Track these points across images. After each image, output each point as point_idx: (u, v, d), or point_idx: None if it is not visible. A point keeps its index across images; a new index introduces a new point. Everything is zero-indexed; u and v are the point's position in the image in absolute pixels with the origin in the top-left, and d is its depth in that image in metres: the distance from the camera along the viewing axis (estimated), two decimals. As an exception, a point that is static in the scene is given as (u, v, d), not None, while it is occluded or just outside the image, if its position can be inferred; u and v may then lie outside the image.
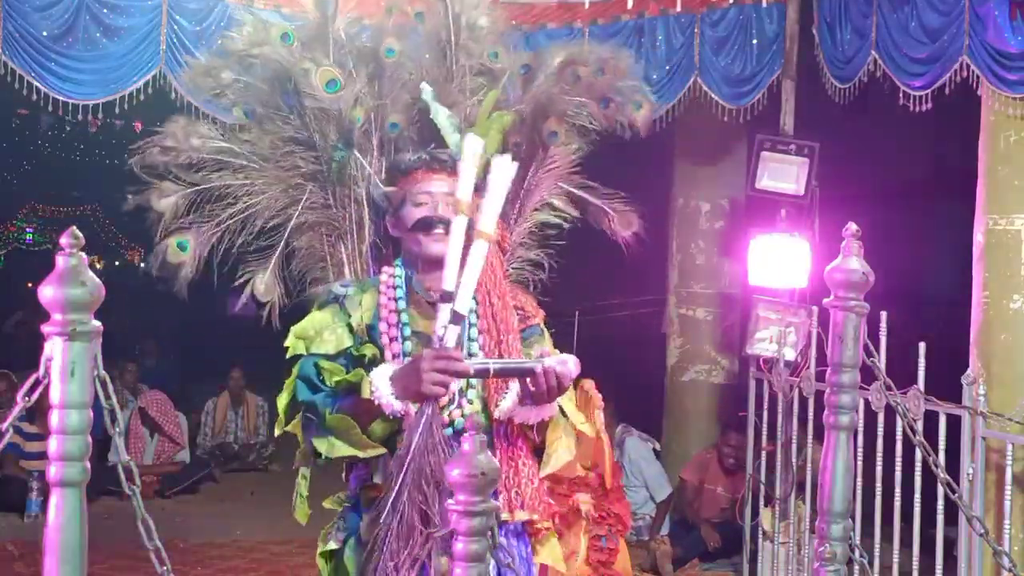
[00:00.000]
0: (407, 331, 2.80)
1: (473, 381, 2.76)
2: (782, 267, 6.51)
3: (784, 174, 6.51)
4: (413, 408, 2.61)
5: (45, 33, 5.83)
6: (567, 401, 2.88)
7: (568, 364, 2.66)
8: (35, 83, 5.83)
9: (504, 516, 2.73)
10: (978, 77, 5.30)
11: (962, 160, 6.05)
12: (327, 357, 2.75)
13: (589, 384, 5.45)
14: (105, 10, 5.93)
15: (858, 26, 6.08)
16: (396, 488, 2.56)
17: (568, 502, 5.39)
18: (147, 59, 5.99)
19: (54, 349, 1.96)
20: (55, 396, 1.97)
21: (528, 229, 3.26)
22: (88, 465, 2.01)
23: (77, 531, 1.97)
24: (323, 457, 2.69)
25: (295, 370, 2.77)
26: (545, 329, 3.03)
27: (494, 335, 2.84)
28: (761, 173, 6.54)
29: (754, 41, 6.67)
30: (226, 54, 3.24)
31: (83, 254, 1.97)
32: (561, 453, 2.85)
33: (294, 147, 3.13)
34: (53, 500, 1.98)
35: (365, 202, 3.10)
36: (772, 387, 6.06)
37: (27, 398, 2.02)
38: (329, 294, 2.89)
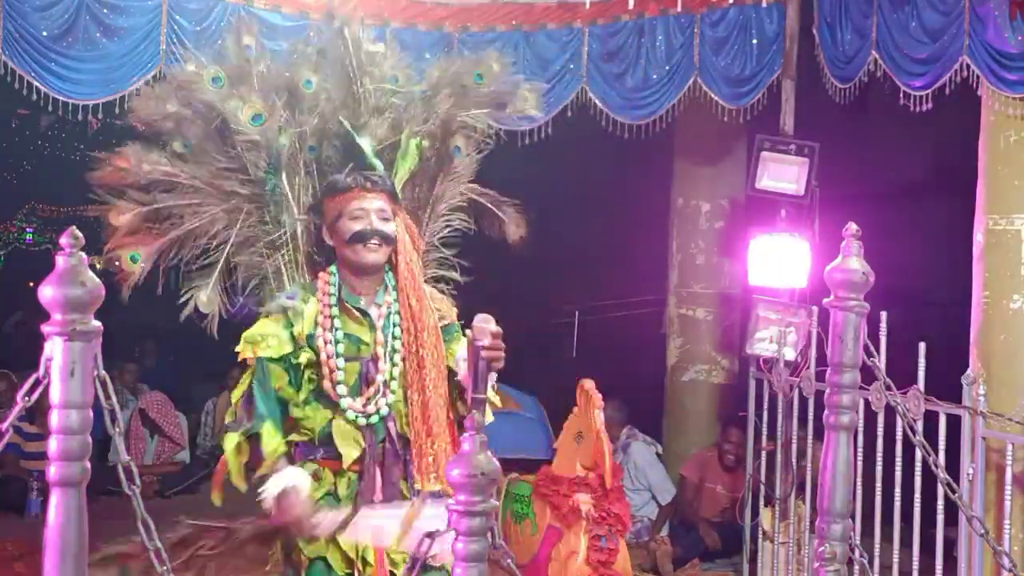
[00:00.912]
0: (339, 335, 3.30)
1: (395, 373, 3.30)
2: (782, 267, 6.51)
3: (784, 174, 6.51)
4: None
5: (45, 33, 5.82)
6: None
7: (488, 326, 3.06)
8: (35, 83, 5.83)
9: (417, 485, 3.27)
10: (978, 77, 5.30)
11: (962, 160, 6.05)
12: (271, 360, 3.29)
13: (589, 384, 5.45)
14: (105, 10, 5.93)
15: (858, 26, 6.08)
16: None
17: (568, 502, 5.39)
18: (147, 59, 5.99)
19: (54, 349, 1.96)
20: (55, 396, 1.98)
21: (439, 231, 3.67)
22: (88, 465, 2.01)
23: (77, 531, 1.98)
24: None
25: (247, 376, 3.35)
26: (459, 328, 3.43)
27: (412, 332, 3.31)
28: (761, 173, 6.54)
29: (754, 41, 6.66)
30: (170, 88, 3.66)
31: (83, 254, 1.97)
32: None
33: (230, 174, 3.51)
34: (53, 500, 1.98)
35: (299, 219, 3.51)
36: (772, 387, 6.06)
37: (27, 398, 2.02)
38: (276, 305, 3.35)
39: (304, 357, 3.29)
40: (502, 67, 3.78)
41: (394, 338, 3.33)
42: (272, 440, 3.26)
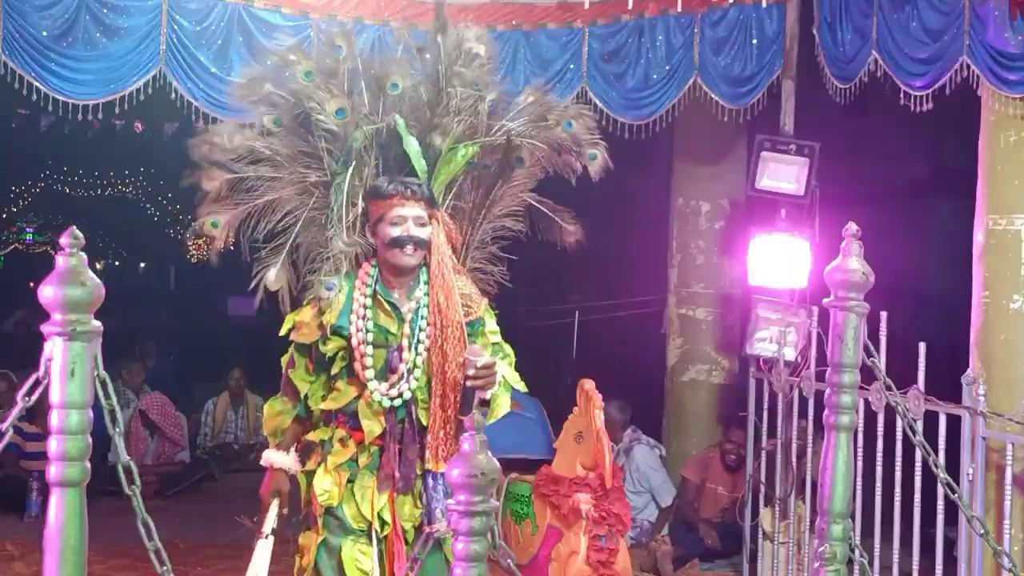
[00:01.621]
0: (370, 324, 3.65)
1: (419, 361, 3.64)
2: (782, 267, 6.51)
3: (784, 174, 6.50)
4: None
5: (45, 33, 5.82)
6: (507, 369, 3.74)
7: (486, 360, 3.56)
8: (35, 83, 5.83)
9: (429, 465, 3.63)
10: (978, 77, 5.30)
11: (962, 160, 6.06)
12: (302, 345, 3.73)
13: (589, 384, 5.45)
14: (105, 10, 5.92)
15: (859, 26, 6.08)
16: None
17: (568, 502, 5.39)
18: (147, 59, 5.99)
19: (54, 349, 1.96)
20: (55, 396, 1.98)
21: (492, 231, 3.93)
22: (88, 465, 2.01)
23: (77, 531, 1.98)
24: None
25: (287, 354, 3.81)
26: (487, 319, 3.78)
27: (438, 326, 3.63)
28: (761, 173, 6.54)
29: (754, 41, 6.66)
30: (266, 71, 3.98)
31: (83, 254, 1.97)
32: (502, 405, 3.73)
33: (307, 159, 3.78)
34: (53, 500, 1.98)
35: (358, 210, 3.76)
36: (772, 387, 6.06)
37: (27, 398, 2.02)
38: (315, 293, 3.71)
39: (332, 345, 3.67)
40: (586, 127, 4.05)
41: (421, 331, 3.65)
42: (276, 405, 3.80)
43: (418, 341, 3.64)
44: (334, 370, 3.69)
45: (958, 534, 5.10)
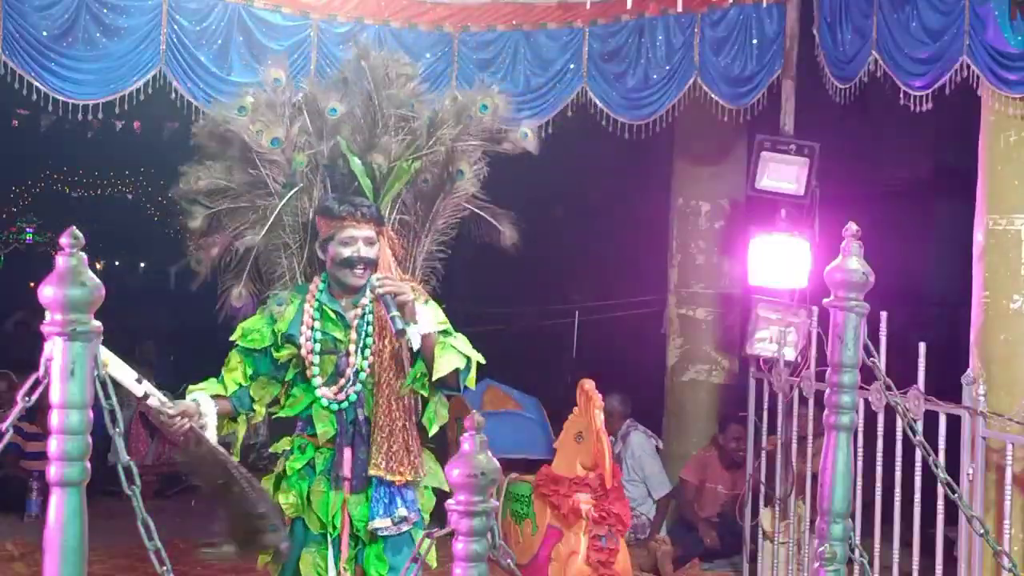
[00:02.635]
0: (318, 334, 3.86)
1: (365, 364, 3.83)
2: (782, 267, 6.51)
3: (784, 174, 6.50)
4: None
5: (45, 33, 5.82)
6: (463, 343, 3.82)
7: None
8: (35, 83, 5.82)
9: (372, 471, 3.80)
10: (978, 77, 5.30)
11: (962, 160, 6.05)
12: (253, 350, 3.90)
13: (589, 384, 5.45)
14: (105, 10, 5.92)
15: (858, 26, 6.08)
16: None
17: (568, 502, 5.39)
18: (147, 59, 5.98)
19: (54, 349, 1.96)
20: (55, 396, 1.97)
21: (436, 242, 4.17)
22: (88, 465, 2.00)
23: (77, 531, 1.97)
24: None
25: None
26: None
27: (381, 333, 3.83)
28: (761, 173, 6.54)
29: (754, 41, 6.66)
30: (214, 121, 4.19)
31: (83, 254, 1.97)
32: (448, 359, 3.72)
33: (258, 187, 4.05)
34: (53, 500, 1.98)
35: (306, 228, 4.05)
36: (772, 387, 6.06)
37: (27, 398, 2.02)
38: (268, 305, 3.95)
39: (285, 352, 3.89)
40: (505, 103, 4.25)
41: (367, 336, 3.86)
42: (208, 385, 3.93)
43: (364, 346, 3.85)
44: (287, 377, 3.92)
45: (958, 534, 5.10)
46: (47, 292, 1.95)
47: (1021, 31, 5.13)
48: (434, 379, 3.73)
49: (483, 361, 3.87)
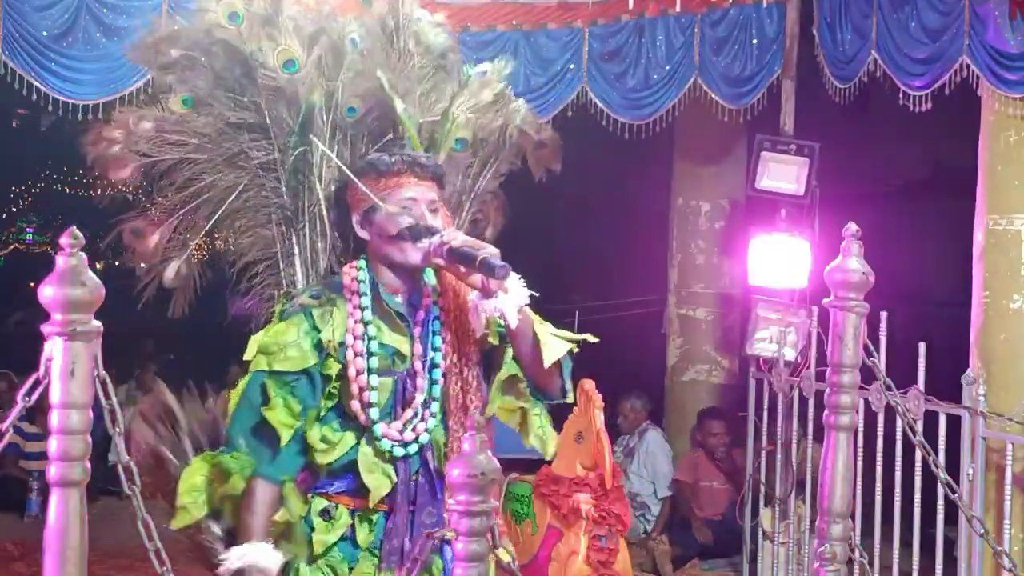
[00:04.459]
0: (374, 345, 2.68)
1: (436, 392, 2.73)
2: (782, 267, 6.51)
3: (784, 174, 6.51)
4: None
5: (45, 33, 5.82)
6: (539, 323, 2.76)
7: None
8: (35, 83, 5.83)
9: (450, 533, 2.51)
10: (978, 77, 5.30)
11: (962, 160, 6.05)
12: (286, 375, 2.65)
13: (589, 384, 5.45)
14: (105, 10, 5.92)
15: (858, 26, 6.08)
16: None
17: (568, 502, 5.39)
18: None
19: (54, 349, 1.96)
20: (55, 396, 1.97)
21: (474, 221, 3.18)
22: (88, 465, 2.00)
23: (77, 531, 1.97)
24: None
25: (242, 385, 2.75)
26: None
27: (455, 343, 2.77)
28: (761, 173, 6.54)
29: (754, 41, 6.67)
30: (172, 33, 3.12)
31: (83, 254, 1.97)
32: (557, 340, 2.70)
33: (244, 133, 2.93)
34: (53, 500, 1.97)
35: (323, 194, 2.91)
36: (772, 387, 6.06)
37: (27, 398, 2.02)
38: (296, 305, 2.73)
39: (333, 368, 2.67)
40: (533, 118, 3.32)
41: (434, 349, 2.75)
42: (237, 464, 2.66)
43: (432, 364, 2.73)
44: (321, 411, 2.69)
45: (958, 534, 5.10)
46: (47, 292, 1.94)
47: (1021, 31, 5.13)
48: (547, 364, 2.65)
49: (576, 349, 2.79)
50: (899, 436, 4.90)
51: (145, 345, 11.19)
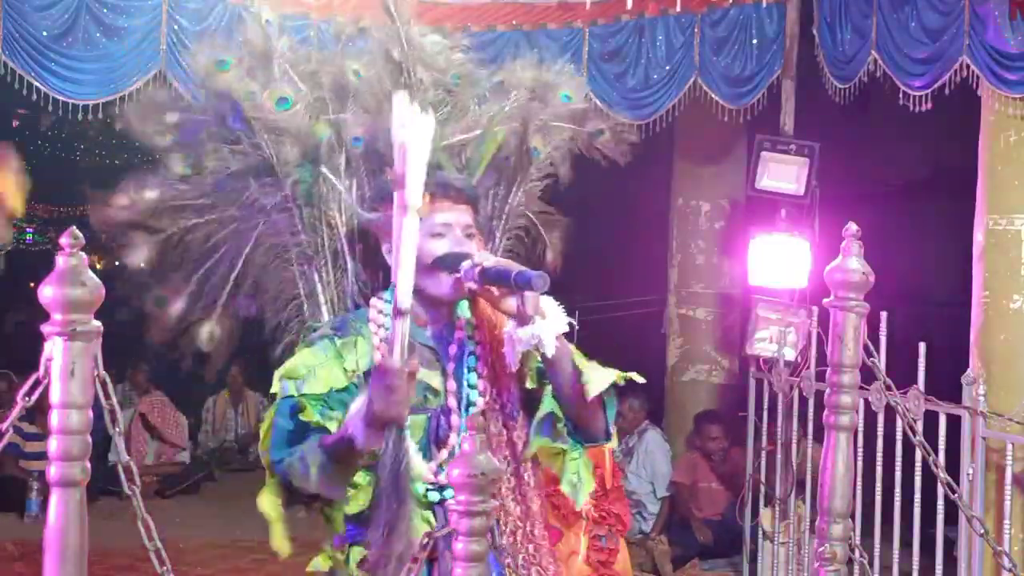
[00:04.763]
0: None
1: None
2: (782, 267, 6.51)
3: (784, 174, 6.51)
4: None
5: (45, 33, 5.83)
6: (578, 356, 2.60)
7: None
8: (35, 83, 5.83)
9: None
10: (978, 77, 5.30)
11: (962, 160, 6.05)
12: (317, 397, 2.45)
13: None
14: (105, 10, 5.93)
15: (858, 26, 6.08)
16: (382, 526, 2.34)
17: (568, 502, 5.39)
18: (147, 59, 5.99)
19: (54, 349, 1.96)
20: (55, 396, 1.97)
21: (505, 247, 2.98)
22: (88, 465, 2.00)
23: (77, 531, 1.97)
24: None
25: (270, 415, 2.51)
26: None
27: (493, 377, 2.57)
28: (761, 173, 6.54)
29: (754, 41, 6.67)
30: (166, 98, 3.11)
31: (83, 254, 1.97)
32: (600, 372, 2.51)
33: (250, 179, 2.81)
34: (53, 500, 1.97)
35: (341, 225, 2.78)
36: (772, 387, 6.06)
37: (27, 398, 2.02)
38: (317, 334, 2.59)
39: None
40: (584, 97, 3.17)
41: (470, 386, 2.56)
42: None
43: (468, 401, 2.54)
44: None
45: (958, 534, 5.10)
46: (47, 292, 1.94)
47: (1021, 31, 5.14)
48: (590, 396, 2.47)
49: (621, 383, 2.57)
50: (899, 436, 4.90)
51: (145, 344, 11.18)
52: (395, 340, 2.26)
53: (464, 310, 2.61)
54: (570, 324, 2.49)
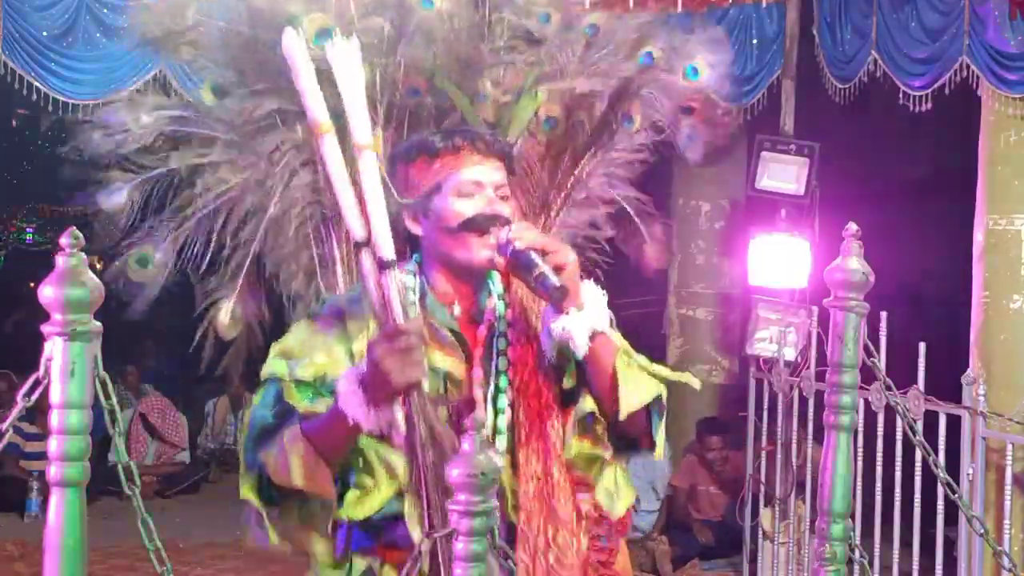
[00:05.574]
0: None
1: (502, 425, 2.20)
2: (782, 267, 6.51)
3: (784, 174, 6.51)
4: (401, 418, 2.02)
5: (45, 33, 5.83)
6: (642, 357, 2.36)
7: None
8: (35, 83, 5.83)
9: None
10: (978, 77, 5.30)
11: (962, 160, 6.06)
12: (308, 385, 2.13)
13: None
14: (105, 10, 5.93)
15: (858, 26, 6.08)
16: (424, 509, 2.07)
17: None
18: (147, 59, 5.98)
19: (54, 349, 1.96)
20: (55, 396, 1.97)
21: (572, 227, 2.68)
22: (88, 465, 2.00)
23: (77, 531, 1.97)
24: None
25: (256, 400, 2.19)
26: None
27: (526, 364, 2.23)
28: (761, 173, 6.54)
29: (754, 41, 6.67)
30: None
31: (83, 254, 1.97)
32: (640, 382, 2.26)
33: (275, 121, 2.49)
34: (53, 500, 1.97)
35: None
36: (772, 387, 6.06)
37: (27, 398, 2.02)
38: (329, 307, 2.24)
39: None
40: (715, 81, 2.80)
41: (499, 372, 2.21)
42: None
43: (498, 389, 2.20)
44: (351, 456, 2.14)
45: (958, 534, 5.10)
46: (47, 292, 1.94)
47: (1021, 31, 5.14)
48: (622, 415, 2.18)
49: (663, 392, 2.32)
50: (899, 436, 4.90)
51: (144, 344, 11.19)
52: (391, 299, 2.00)
53: (496, 283, 2.26)
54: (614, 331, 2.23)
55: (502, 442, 2.19)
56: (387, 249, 2.01)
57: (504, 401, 2.20)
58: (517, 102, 2.52)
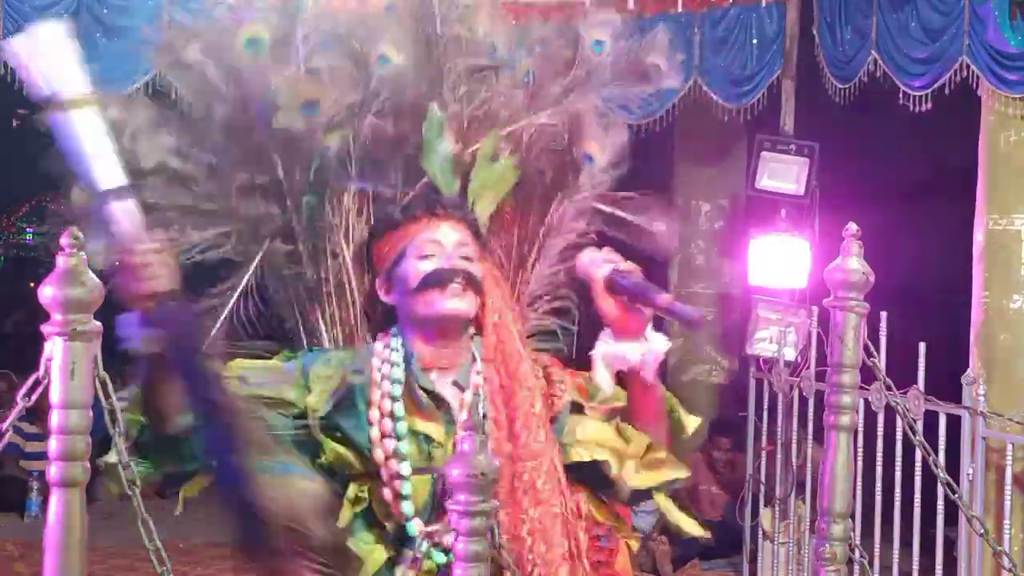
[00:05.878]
0: (402, 428, 2.17)
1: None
2: (782, 267, 6.51)
3: (784, 174, 6.51)
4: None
5: (45, 33, 5.83)
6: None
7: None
8: (35, 83, 5.83)
9: None
10: (978, 77, 5.31)
11: (962, 160, 6.06)
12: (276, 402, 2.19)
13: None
14: (105, 10, 5.94)
15: (858, 26, 6.08)
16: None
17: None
18: (147, 59, 5.98)
19: (54, 349, 1.96)
20: (55, 396, 1.97)
21: (552, 274, 2.57)
22: (88, 465, 2.00)
23: (77, 531, 1.97)
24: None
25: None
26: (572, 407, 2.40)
27: (506, 427, 2.23)
28: (761, 173, 6.54)
29: (754, 41, 6.67)
30: (188, 32, 2.62)
31: (83, 254, 1.97)
32: (685, 414, 2.44)
33: (259, 198, 2.39)
34: (53, 500, 1.97)
35: (351, 259, 2.38)
36: (772, 387, 6.06)
37: (27, 398, 2.02)
38: (296, 362, 2.28)
39: (330, 453, 2.19)
40: (626, 28, 2.68)
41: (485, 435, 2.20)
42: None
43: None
44: (341, 521, 2.18)
45: (958, 534, 5.10)
46: (47, 292, 1.94)
47: (1021, 31, 5.14)
48: (689, 431, 2.44)
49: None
50: (899, 436, 4.90)
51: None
52: (123, 220, 2.04)
53: (479, 347, 2.28)
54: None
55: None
56: (112, 177, 2.06)
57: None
58: (484, 166, 2.42)
